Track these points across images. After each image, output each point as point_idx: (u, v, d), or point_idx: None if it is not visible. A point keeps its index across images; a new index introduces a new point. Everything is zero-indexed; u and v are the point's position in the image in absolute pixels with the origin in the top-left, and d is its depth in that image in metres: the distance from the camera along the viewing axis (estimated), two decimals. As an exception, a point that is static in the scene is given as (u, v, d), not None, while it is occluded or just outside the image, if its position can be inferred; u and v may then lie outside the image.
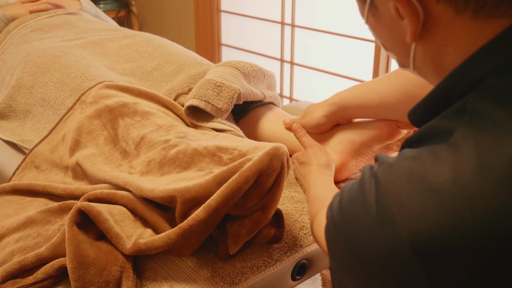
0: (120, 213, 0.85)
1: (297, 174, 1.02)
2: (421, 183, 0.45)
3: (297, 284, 0.92)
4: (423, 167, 0.46)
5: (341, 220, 0.51)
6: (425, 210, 0.43)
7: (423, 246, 0.43)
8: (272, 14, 2.47)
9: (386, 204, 0.46)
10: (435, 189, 0.43)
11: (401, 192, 0.45)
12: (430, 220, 0.43)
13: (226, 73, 1.11)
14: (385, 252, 0.45)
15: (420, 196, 0.44)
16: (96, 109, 1.06)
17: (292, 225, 0.92)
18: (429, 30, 0.49)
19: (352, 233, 0.49)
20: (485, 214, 0.41)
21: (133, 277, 0.79)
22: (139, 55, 1.36)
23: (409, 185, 0.45)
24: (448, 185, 0.43)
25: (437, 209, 0.43)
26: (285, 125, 1.13)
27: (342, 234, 0.51)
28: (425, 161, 0.46)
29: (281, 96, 2.55)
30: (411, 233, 0.43)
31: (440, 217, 0.42)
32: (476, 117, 0.45)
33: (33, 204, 0.98)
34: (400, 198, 0.45)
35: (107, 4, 2.94)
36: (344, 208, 0.51)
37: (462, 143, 0.45)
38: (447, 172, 0.44)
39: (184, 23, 2.87)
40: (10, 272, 0.80)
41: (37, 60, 1.32)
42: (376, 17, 0.54)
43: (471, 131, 0.45)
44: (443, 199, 0.43)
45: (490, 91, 0.46)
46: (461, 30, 0.47)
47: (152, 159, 0.93)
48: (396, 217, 0.44)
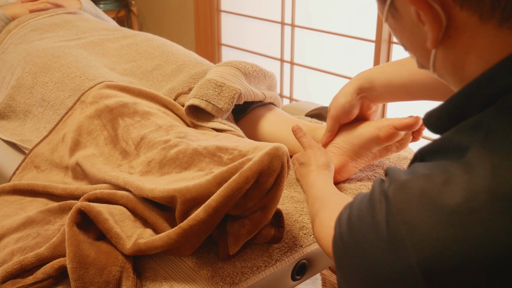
0: (120, 213, 0.85)
1: (297, 175, 1.02)
2: (433, 205, 0.43)
3: (297, 284, 0.92)
4: (436, 188, 0.44)
5: (350, 238, 0.50)
6: (436, 234, 0.42)
7: (433, 272, 0.42)
8: (272, 14, 2.47)
9: (397, 226, 0.45)
10: (446, 212, 0.42)
11: (412, 213, 0.44)
12: (440, 245, 0.42)
13: (227, 73, 1.11)
14: (395, 276, 0.44)
15: (432, 219, 0.43)
16: (96, 109, 1.06)
17: (292, 225, 0.92)
18: (451, 36, 0.47)
19: (361, 253, 0.48)
20: (497, 241, 0.40)
21: (133, 277, 0.79)
22: (139, 55, 1.36)
23: (421, 207, 0.44)
24: (460, 209, 0.42)
25: (448, 234, 0.42)
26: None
27: (351, 253, 0.50)
28: (437, 182, 0.45)
29: (281, 96, 2.55)
30: (422, 258, 0.42)
31: (450, 242, 0.41)
32: (493, 135, 0.44)
33: (33, 204, 0.98)
34: (411, 220, 0.44)
35: (107, 4, 2.93)
36: (353, 225, 0.50)
37: (476, 163, 0.43)
38: (460, 194, 0.42)
39: (184, 23, 2.87)
40: (10, 272, 0.80)
41: (37, 60, 1.32)
42: (396, 19, 0.52)
43: (486, 150, 0.44)
44: (454, 224, 0.42)
45: (509, 108, 0.44)
46: (485, 38, 0.45)
47: (152, 159, 0.93)
48: (407, 241, 0.44)
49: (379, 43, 2.03)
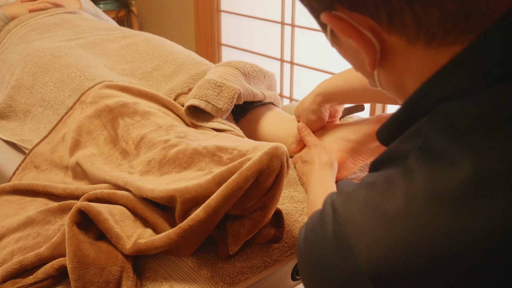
0: (120, 213, 0.85)
1: (299, 173, 1.02)
2: (376, 212, 0.46)
3: (297, 284, 0.92)
4: (378, 196, 0.47)
5: (305, 249, 0.53)
6: (381, 239, 0.44)
7: (380, 275, 0.43)
8: (272, 14, 2.47)
9: (344, 234, 0.47)
10: (389, 218, 0.44)
11: (357, 221, 0.46)
12: (385, 249, 0.43)
13: (226, 73, 1.11)
14: (345, 282, 0.46)
15: (376, 226, 0.45)
16: (96, 109, 1.06)
17: (292, 225, 0.92)
18: (388, 58, 0.50)
19: (314, 263, 0.51)
20: (437, 240, 0.42)
21: (133, 277, 0.79)
22: (138, 55, 1.36)
23: (365, 214, 0.46)
24: (401, 213, 0.44)
25: (391, 238, 0.43)
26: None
27: (306, 263, 0.53)
28: (380, 189, 0.47)
29: (281, 96, 2.55)
30: (369, 263, 0.44)
31: (394, 245, 0.43)
32: (428, 142, 0.46)
33: (33, 204, 0.98)
34: (356, 228, 0.46)
35: (107, 4, 2.94)
36: (307, 237, 0.53)
37: (414, 169, 0.46)
38: (400, 200, 0.44)
39: (184, 23, 2.87)
40: (10, 272, 0.80)
41: (37, 60, 1.32)
42: (338, 45, 0.55)
43: (423, 156, 0.46)
44: (397, 228, 0.44)
45: (440, 116, 0.46)
46: (416, 58, 0.47)
47: (152, 159, 0.93)
48: (354, 247, 0.45)
49: (379, 43, 2.03)
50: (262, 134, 1.17)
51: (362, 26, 0.47)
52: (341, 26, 0.48)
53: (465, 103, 0.45)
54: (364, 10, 0.46)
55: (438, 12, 0.43)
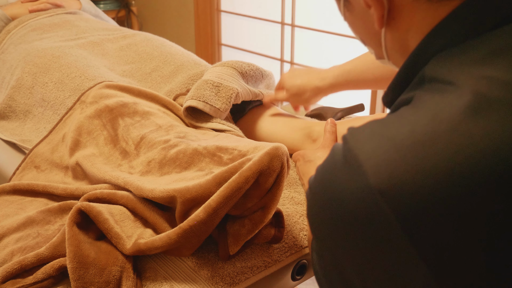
0: (120, 213, 0.85)
1: (300, 172, 1.01)
2: (384, 137, 0.49)
3: (297, 284, 0.92)
4: (386, 125, 0.51)
5: (315, 182, 0.55)
6: (388, 159, 0.47)
7: (389, 190, 0.47)
8: (272, 14, 2.47)
9: (354, 157, 0.50)
10: (396, 141, 0.48)
11: (366, 146, 0.50)
12: (392, 167, 0.47)
13: (223, 73, 1.11)
14: (357, 200, 0.49)
15: (383, 148, 0.48)
16: (96, 109, 1.06)
17: (292, 226, 0.92)
18: (394, 17, 0.55)
19: (324, 189, 0.53)
20: (438, 156, 0.46)
21: (133, 277, 0.79)
22: (138, 56, 1.36)
23: (374, 139, 0.50)
24: (406, 136, 0.48)
25: (398, 158, 0.47)
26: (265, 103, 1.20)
27: (316, 194, 0.54)
28: (388, 121, 0.51)
29: (281, 96, 2.55)
30: (378, 179, 0.47)
31: (400, 164, 0.47)
32: (432, 81, 0.51)
33: (33, 204, 0.98)
34: (366, 150, 0.49)
35: (107, 4, 2.94)
36: (317, 173, 0.56)
37: (419, 102, 0.50)
38: (406, 126, 0.49)
39: (184, 23, 2.87)
40: (10, 272, 0.80)
41: (37, 60, 1.32)
42: (350, 11, 0.61)
43: (427, 92, 0.51)
44: (403, 149, 0.47)
45: (443, 58, 0.52)
46: (420, 14, 0.53)
47: (152, 159, 0.93)
48: (363, 166, 0.48)
49: (379, 43, 2.03)
50: (261, 134, 1.17)
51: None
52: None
53: (463, 46, 0.51)
54: None
55: None
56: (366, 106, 1.26)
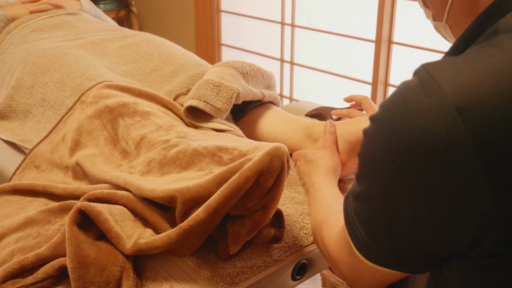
0: (120, 213, 0.85)
1: (301, 172, 1.01)
2: (464, 67, 0.49)
3: (297, 284, 0.92)
4: (466, 60, 0.50)
5: (381, 111, 0.53)
6: (469, 82, 0.47)
7: (465, 104, 0.46)
8: (272, 14, 2.47)
9: (433, 78, 0.49)
10: (478, 69, 0.48)
11: (446, 71, 0.49)
12: (473, 88, 0.47)
13: (224, 73, 1.11)
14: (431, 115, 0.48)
15: (464, 74, 0.48)
16: (96, 109, 1.06)
17: (292, 225, 0.92)
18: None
19: (395, 111, 0.51)
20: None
21: (133, 277, 0.79)
22: (138, 56, 1.36)
23: (453, 67, 0.49)
24: (489, 65, 0.48)
25: (479, 81, 0.47)
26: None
27: (383, 120, 0.53)
28: (466, 57, 0.50)
29: (281, 96, 2.55)
30: (457, 97, 0.47)
31: (482, 86, 0.47)
32: (510, 31, 0.50)
33: (33, 204, 0.98)
34: (445, 74, 0.49)
35: (107, 4, 2.94)
36: (384, 103, 0.54)
37: (498, 43, 0.50)
38: (489, 59, 0.48)
39: (184, 23, 2.87)
40: (11, 272, 0.80)
41: (37, 60, 1.32)
42: None
43: (506, 37, 0.50)
44: (485, 75, 0.47)
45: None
46: None
47: (152, 159, 0.93)
48: (442, 86, 0.48)
49: (379, 43, 2.03)
50: (262, 134, 1.17)
51: None
52: None
53: None
54: None
55: None
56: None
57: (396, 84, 2.07)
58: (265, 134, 1.16)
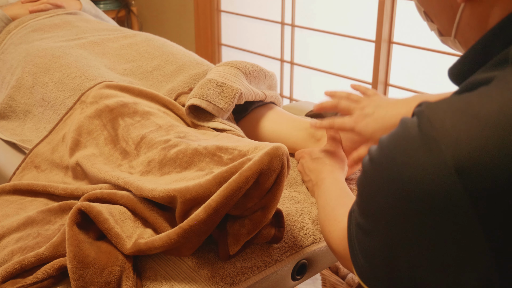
0: (120, 213, 0.85)
1: (306, 169, 1.01)
2: (466, 114, 0.46)
3: (297, 284, 0.92)
4: (468, 102, 0.47)
5: (381, 155, 0.52)
6: (470, 135, 0.45)
7: (468, 169, 0.44)
8: (272, 14, 2.47)
9: (431, 132, 0.47)
10: (480, 118, 0.45)
11: (445, 121, 0.47)
12: (474, 145, 0.44)
13: (227, 73, 1.11)
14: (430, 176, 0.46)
15: (465, 125, 0.45)
16: (96, 109, 1.06)
17: (292, 225, 0.92)
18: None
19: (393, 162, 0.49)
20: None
21: (133, 277, 0.79)
22: (139, 55, 1.36)
23: (454, 115, 0.47)
24: (494, 114, 0.45)
25: (482, 135, 0.44)
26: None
27: (382, 166, 0.51)
28: (469, 97, 0.48)
29: (281, 96, 2.55)
30: (456, 157, 0.44)
31: (484, 142, 0.44)
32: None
33: (33, 204, 0.98)
34: (444, 127, 0.46)
35: (107, 4, 2.94)
36: (383, 146, 0.52)
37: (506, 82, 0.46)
38: (493, 104, 0.45)
39: (184, 23, 2.87)
40: (10, 272, 0.80)
41: (37, 60, 1.32)
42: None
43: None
44: (488, 126, 0.44)
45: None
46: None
47: (152, 159, 0.93)
48: (441, 143, 0.46)
49: (379, 43, 2.03)
50: (263, 134, 1.17)
51: None
52: None
53: None
54: None
55: None
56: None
57: (396, 84, 2.07)
58: (267, 133, 1.16)
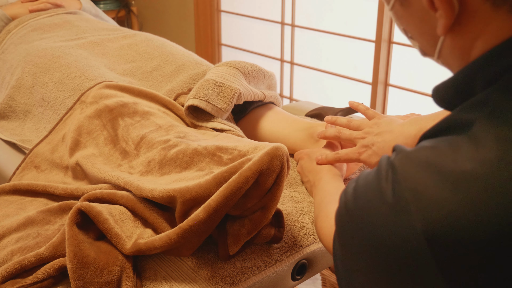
0: (120, 213, 0.85)
1: (305, 170, 1.01)
2: (439, 173, 0.44)
3: (297, 284, 0.92)
4: (442, 157, 0.45)
5: (355, 206, 0.51)
6: (441, 200, 0.43)
7: (437, 236, 0.42)
8: (272, 14, 2.47)
9: (402, 192, 0.45)
10: (452, 179, 0.43)
11: (417, 181, 0.45)
12: (445, 210, 0.42)
13: (226, 73, 1.11)
14: (398, 240, 0.45)
15: (437, 186, 0.44)
16: (96, 109, 1.06)
17: (292, 225, 0.92)
18: (461, 23, 0.48)
19: (365, 220, 0.49)
20: (502, 208, 0.41)
21: (133, 277, 0.79)
22: (139, 55, 1.36)
23: (426, 174, 0.45)
24: (466, 176, 0.43)
25: (453, 200, 0.42)
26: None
27: (355, 220, 0.50)
28: (443, 151, 0.46)
29: (281, 96, 2.55)
30: (426, 223, 0.43)
31: (455, 207, 0.42)
32: (498, 110, 0.45)
33: (33, 204, 0.98)
34: (416, 187, 0.45)
35: (107, 4, 2.94)
36: (359, 194, 0.51)
37: (482, 135, 0.44)
38: (466, 163, 0.43)
39: (184, 23, 2.87)
40: (10, 272, 0.80)
41: (37, 60, 1.32)
42: (405, 6, 0.53)
43: (492, 123, 0.45)
44: (460, 190, 0.42)
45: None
46: (495, 24, 0.46)
47: (152, 159, 0.93)
48: (412, 206, 0.44)
49: (379, 43, 2.03)
50: (262, 134, 1.17)
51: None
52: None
53: None
54: None
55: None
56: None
57: (396, 84, 2.07)
58: (266, 134, 1.16)
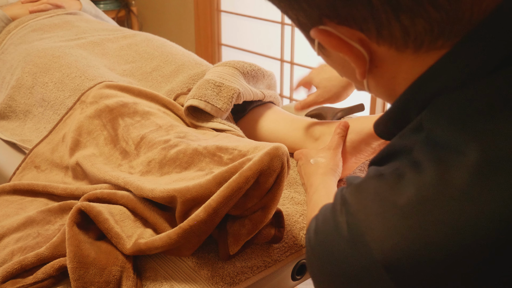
0: (120, 213, 0.85)
1: (302, 172, 1.01)
2: (387, 202, 0.46)
3: (297, 284, 0.92)
4: (388, 187, 0.48)
5: (316, 242, 0.53)
6: (393, 227, 0.45)
7: (394, 263, 0.44)
8: (272, 14, 2.47)
9: (356, 225, 0.47)
10: (400, 207, 0.45)
11: (369, 212, 0.47)
12: (398, 237, 0.44)
13: (225, 73, 1.11)
14: (359, 272, 0.46)
15: (387, 215, 0.46)
16: (96, 109, 1.06)
17: (292, 225, 0.92)
18: (377, 66, 0.51)
19: (326, 255, 0.51)
20: (449, 226, 0.42)
21: (133, 277, 0.79)
22: (138, 56, 1.36)
23: (376, 204, 0.47)
24: (412, 201, 0.45)
25: (403, 226, 0.44)
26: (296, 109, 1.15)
27: (318, 256, 0.53)
28: (389, 181, 0.48)
29: (281, 96, 2.55)
30: (382, 252, 0.45)
31: (407, 233, 0.44)
32: (431, 134, 0.47)
33: (33, 204, 0.98)
34: (368, 218, 0.47)
35: (107, 4, 2.94)
36: (318, 230, 0.53)
37: (421, 160, 0.47)
38: (411, 190, 0.45)
39: (184, 23, 2.87)
40: (10, 272, 0.80)
41: (37, 60, 1.32)
42: (326, 55, 0.56)
43: (428, 147, 0.47)
44: (408, 216, 0.44)
45: (440, 109, 0.48)
46: (406, 64, 0.49)
47: (152, 159, 0.93)
48: (367, 237, 0.46)
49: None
50: (262, 133, 1.17)
51: (351, 39, 0.49)
52: (330, 41, 0.50)
53: (461, 94, 0.46)
54: (352, 24, 0.47)
55: (424, 22, 0.45)
56: (366, 106, 1.26)
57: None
58: (266, 133, 1.16)
